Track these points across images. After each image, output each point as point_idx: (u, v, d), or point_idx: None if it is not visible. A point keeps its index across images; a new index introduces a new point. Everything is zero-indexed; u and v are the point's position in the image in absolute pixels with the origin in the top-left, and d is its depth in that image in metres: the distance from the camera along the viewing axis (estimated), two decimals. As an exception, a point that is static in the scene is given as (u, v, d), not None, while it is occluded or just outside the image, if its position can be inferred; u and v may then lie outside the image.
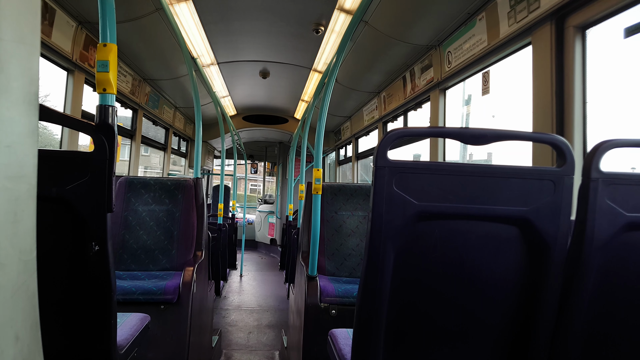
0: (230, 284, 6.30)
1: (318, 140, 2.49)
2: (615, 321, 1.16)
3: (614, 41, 1.93)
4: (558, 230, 1.06)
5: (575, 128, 2.03)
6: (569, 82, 2.05)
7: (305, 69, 4.87)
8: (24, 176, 0.56)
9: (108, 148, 1.18)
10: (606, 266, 1.10)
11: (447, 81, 3.35)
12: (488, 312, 1.12)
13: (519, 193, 1.05)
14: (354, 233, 2.93)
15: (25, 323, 0.57)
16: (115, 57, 1.40)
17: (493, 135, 1.07)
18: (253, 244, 10.37)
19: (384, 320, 1.09)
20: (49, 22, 2.77)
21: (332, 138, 7.96)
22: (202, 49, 4.20)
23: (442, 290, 1.10)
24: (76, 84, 3.22)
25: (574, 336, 1.12)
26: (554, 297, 1.09)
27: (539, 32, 2.19)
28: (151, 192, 2.95)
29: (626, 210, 1.06)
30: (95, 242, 1.20)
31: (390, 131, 1.04)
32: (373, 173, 1.04)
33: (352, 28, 2.09)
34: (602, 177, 1.05)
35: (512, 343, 1.14)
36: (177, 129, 6.43)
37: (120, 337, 1.47)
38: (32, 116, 0.57)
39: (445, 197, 1.04)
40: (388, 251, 1.04)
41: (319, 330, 2.27)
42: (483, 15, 2.67)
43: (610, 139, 1.06)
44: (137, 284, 2.33)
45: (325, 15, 3.38)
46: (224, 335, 3.97)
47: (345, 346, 1.49)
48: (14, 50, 0.53)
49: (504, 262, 1.09)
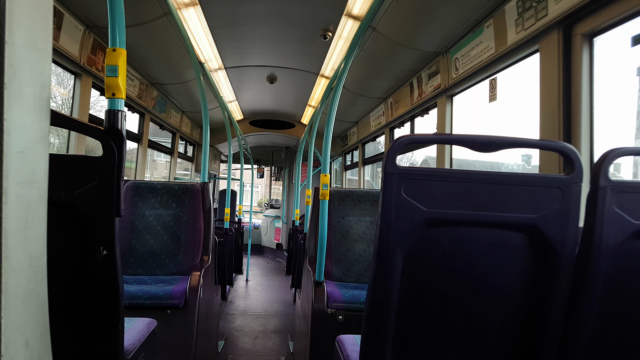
0: (237, 288, 6.30)
1: (326, 145, 2.49)
2: (622, 328, 1.15)
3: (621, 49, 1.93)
4: (566, 237, 1.05)
5: (583, 135, 2.02)
6: (576, 89, 2.05)
7: (312, 75, 4.88)
8: (36, 182, 0.57)
9: (117, 153, 1.19)
10: (614, 274, 1.09)
11: (454, 88, 3.34)
12: (496, 318, 1.11)
13: (527, 200, 1.05)
14: (361, 238, 2.92)
15: (36, 329, 0.57)
16: (124, 62, 1.41)
17: (502, 142, 1.07)
18: (259, 248, 10.37)
19: (392, 326, 1.09)
20: (57, 25, 2.79)
21: (338, 143, 7.96)
22: (209, 54, 4.22)
23: (450, 297, 1.09)
24: (83, 87, 3.24)
25: (581, 343, 1.12)
26: (562, 304, 1.09)
27: (546, 39, 2.19)
28: (158, 196, 2.97)
29: (634, 218, 1.06)
30: (103, 247, 1.20)
31: (398, 138, 1.04)
32: (382, 179, 1.04)
33: (360, 34, 2.09)
34: (610, 185, 1.05)
35: (519, 349, 1.14)
36: (184, 133, 6.46)
37: (127, 342, 1.47)
38: (43, 122, 0.58)
39: (454, 203, 1.04)
40: (396, 257, 1.04)
41: (326, 336, 2.26)
42: (491, 23, 2.67)
43: (618, 147, 1.06)
44: (143, 289, 2.33)
45: (333, 21, 3.39)
46: (229, 340, 3.96)
47: (353, 352, 1.49)
48: (27, 56, 0.54)
49: (512, 268, 1.09)
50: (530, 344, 1.12)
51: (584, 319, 1.11)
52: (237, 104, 6.45)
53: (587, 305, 1.10)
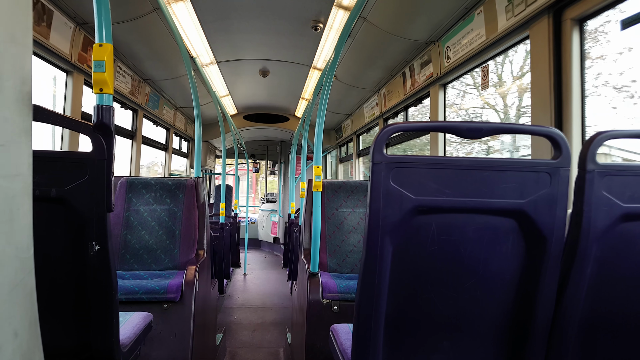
0: (234, 282, 6.32)
1: (317, 137, 2.50)
2: (612, 311, 1.16)
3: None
4: (555, 222, 1.06)
5: (574, 121, 2.03)
6: (567, 75, 2.05)
7: (304, 67, 4.87)
8: (19, 175, 0.57)
9: (106, 148, 1.19)
10: (603, 257, 1.10)
11: (447, 76, 3.35)
12: (486, 304, 1.12)
13: (515, 186, 1.06)
14: (355, 230, 2.94)
15: (24, 320, 0.58)
16: (111, 57, 1.40)
17: (489, 128, 1.07)
18: (256, 242, 10.39)
19: (384, 314, 1.10)
20: (47, 23, 2.77)
21: (333, 136, 7.95)
22: (201, 49, 4.20)
23: (440, 283, 1.10)
24: (75, 85, 3.23)
25: (571, 326, 1.13)
26: (552, 288, 1.10)
27: (536, 25, 2.19)
28: (152, 192, 2.97)
29: (622, 201, 1.06)
30: (95, 242, 1.21)
31: (386, 126, 1.04)
32: (370, 168, 1.04)
33: (350, 24, 2.09)
34: (598, 169, 1.05)
35: (511, 334, 1.15)
36: (178, 129, 6.44)
37: (123, 336, 1.48)
38: (25, 115, 0.58)
39: (442, 191, 1.04)
40: (386, 246, 1.05)
41: (322, 326, 2.28)
42: (481, 10, 2.67)
43: (605, 130, 1.06)
44: (140, 284, 2.34)
45: (324, 11, 3.38)
46: (228, 333, 3.98)
47: (347, 340, 1.50)
48: (6, 50, 0.54)
49: (502, 254, 1.09)
50: (521, 329, 1.14)
51: (574, 303, 1.12)
52: (231, 98, 6.43)
53: (576, 288, 1.11)
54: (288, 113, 7.43)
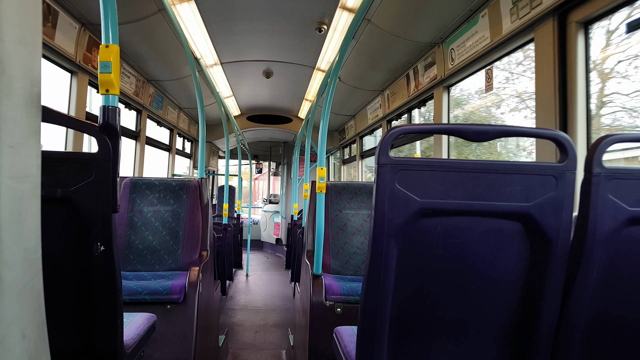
0: (237, 283, 6.32)
1: (321, 138, 2.50)
2: (617, 314, 1.15)
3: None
4: (560, 225, 1.06)
5: (579, 124, 2.02)
6: (571, 78, 2.05)
7: (308, 68, 4.87)
8: (28, 176, 0.57)
9: (112, 149, 1.19)
10: (608, 260, 1.09)
11: (451, 78, 3.34)
12: (492, 307, 1.12)
13: (521, 189, 1.05)
14: (359, 231, 2.93)
15: (32, 321, 0.58)
16: (117, 58, 1.40)
17: (495, 131, 1.07)
18: (259, 243, 10.39)
19: (388, 317, 1.09)
20: (52, 24, 2.78)
21: (336, 137, 7.95)
22: (205, 50, 4.21)
23: (445, 286, 1.10)
24: (80, 85, 3.24)
25: (576, 330, 1.12)
26: (557, 291, 1.09)
27: (541, 28, 2.18)
28: (156, 192, 2.97)
29: (628, 204, 1.06)
30: (100, 243, 1.21)
31: (391, 129, 1.04)
32: (375, 171, 1.04)
33: (354, 26, 2.09)
34: (604, 172, 1.05)
35: (515, 336, 1.14)
36: (182, 129, 6.45)
37: (127, 337, 1.48)
38: (34, 117, 0.58)
39: (448, 193, 1.04)
40: (391, 248, 1.04)
41: (325, 328, 2.27)
42: (486, 12, 2.66)
43: (611, 134, 1.06)
44: (143, 284, 2.34)
45: (328, 13, 3.38)
46: (230, 334, 3.98)
47: (350, 343, 1.50)
48: (16, 52, 0.54)
49: (507, 257, 1.09)
50: (526, 332, 1.13)
51: (579, 306, 1.11)
52: (234, 99, 6.44)
53: (582, 292, 1.10)
54: (291, 114, 7.43)
